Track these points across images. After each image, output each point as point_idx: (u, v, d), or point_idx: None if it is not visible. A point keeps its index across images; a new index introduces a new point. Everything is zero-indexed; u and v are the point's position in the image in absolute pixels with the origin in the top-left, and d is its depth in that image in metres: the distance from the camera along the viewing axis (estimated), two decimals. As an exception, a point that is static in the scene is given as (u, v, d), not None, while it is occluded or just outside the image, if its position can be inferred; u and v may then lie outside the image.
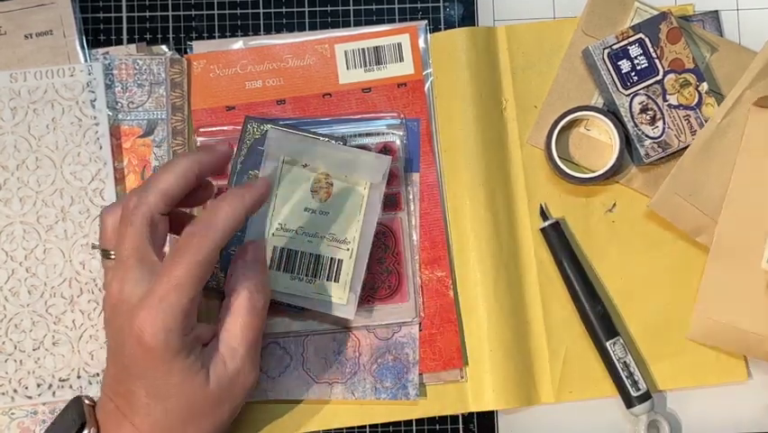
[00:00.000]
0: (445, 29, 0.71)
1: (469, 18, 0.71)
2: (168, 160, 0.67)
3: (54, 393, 0.65)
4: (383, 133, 0.69)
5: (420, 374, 0.66)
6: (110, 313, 0.56)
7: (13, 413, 0.65)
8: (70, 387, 0.65)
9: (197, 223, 0.55)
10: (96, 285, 0.66)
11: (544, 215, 0.69)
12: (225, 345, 0.56)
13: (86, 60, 0.68)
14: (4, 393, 0.65)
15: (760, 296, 0.56)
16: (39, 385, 0.65)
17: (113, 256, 0.57)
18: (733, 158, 0.66)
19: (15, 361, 0.65)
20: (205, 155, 0.59)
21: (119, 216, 0.57)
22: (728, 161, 0.66)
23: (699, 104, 0.67)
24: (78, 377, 0.65)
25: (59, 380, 0.65)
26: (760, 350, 0.64)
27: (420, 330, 0.67)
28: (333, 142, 0.66)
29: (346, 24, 0.71)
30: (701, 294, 0.65)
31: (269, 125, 0.66)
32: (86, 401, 0.59)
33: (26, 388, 0.65)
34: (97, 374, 0.65)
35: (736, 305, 0.59)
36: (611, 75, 0.67)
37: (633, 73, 0.67)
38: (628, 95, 0.67)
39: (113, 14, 0.70)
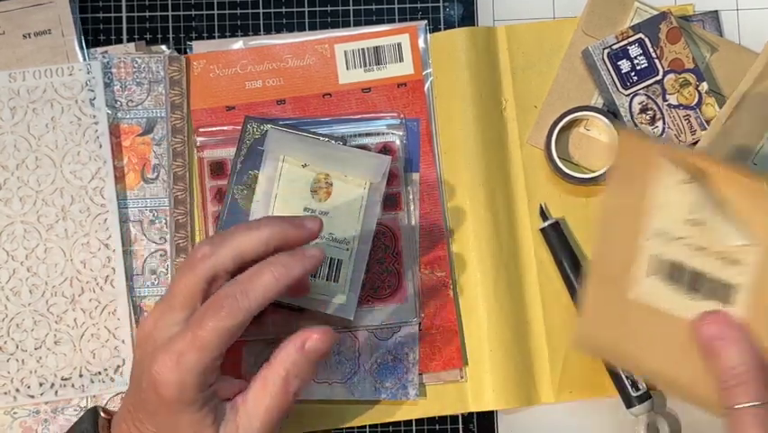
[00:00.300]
0: (445, 29, 0.70)
1: (469, 18, 0.71)
2: (249, 219, 0.63)
3: (56, 392, 0.65)
4: (383, 133, 0.69)
5: (420, 374, 0.66)
6: (139, 341, 0.55)
7: (15, 412, 0.65)
8: (72, 386, 0.65)
9: (235, 284, 0.52)
10: (96, 284, 0.66)
11: (543, 215, 0.69)
12: (245, 415, 0.54)
13: (84, 59, 0.68)
14: (6, 393, 0.65)
15: (631, 322, 0.55)
16: (41, 384, 0.65)
17: None
18: (739, 159, 0.66)
19: (17, 360, 0.65)
20: (293, 230, 0.55)
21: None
22: (734, 162, 0.66)
23: (699, 103, 0.67)
24: (80, 376, 0.65)
25: (62, 379, 0.65)
26: (638, 370, 0.60)
27: (420, 330, 0.67)
28: (333, 142, 0.66)
29: (346, 24, 0.71)
30: (582, 310, 0.57)
31: (269, 125, 0.66)
32: (102, 414, 0.58)
33: (28, 387, 0.65)
34: (99, 373, 0.65)
35: (613, 328, 0.55)
36: (611, 75, 0.67)
37: (633, 73, 0.67)
38: (628, 95, 0.67)
39: (112, 14, 0.70)
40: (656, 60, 0.67)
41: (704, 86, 0.67)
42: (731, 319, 0.53)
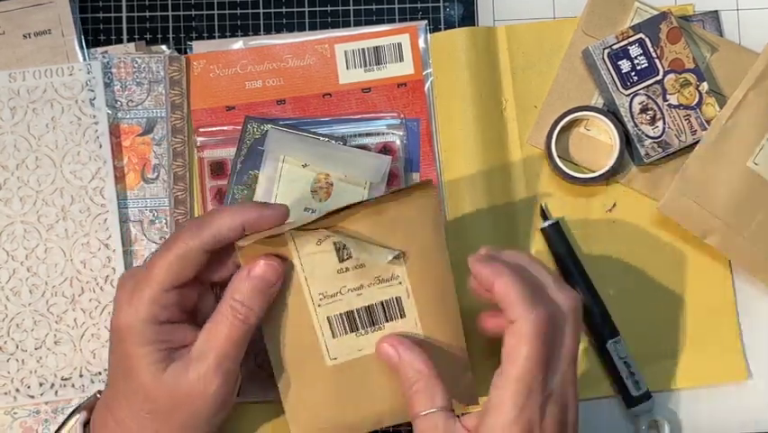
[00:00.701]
0: (445, 29, 0.70)
1: (469, 18, 0.71)
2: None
3: (56, 392, 0.65)
4: (383, 133, 0.69)
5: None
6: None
7: (15, 412, 0.65)
8: (72, 386, 0.65)
9: (192, 220, 0.55)
10: (96, 284, 0.66)
11: (544, 215, 0.69)
12: (196, 349, 0.55)
13: (84, 59, 0.68)
14: (6, 393, 0.65)
15: (341, 386, 0.59)
16: (41, 384, 0.65)
17: None
18: (740, 158, 0.66)
19: (17, 360, 0.65)
20: (267, 211, 0.56)
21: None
22: (735, 162, 0.66)
23: (700, 103, 0.67)
24: (81, 376, 0.65)
25: (62, 379, 0.65)
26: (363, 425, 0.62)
27: (420, 330, 0.67)
28: (333, 142, 0.66)
29: (346, 24, 0.71)
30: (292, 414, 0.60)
31: (269, 125, 0.66)
32: (98, 395, 0.61)
33: (28, 387, 0.65)
34: (99, 373, 0.66)
35: (327, 406, 0.59)
36: (611, 75, 0.67)
37: (633, 73, 0.67)
38: (628, 95, 0.67)
39: (113, 14, 0.70)
40: (656, 60, 0.67)
41: (704, 86, 0.67)
42: (400, 338, 0.57)
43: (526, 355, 0.52)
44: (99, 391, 0.62)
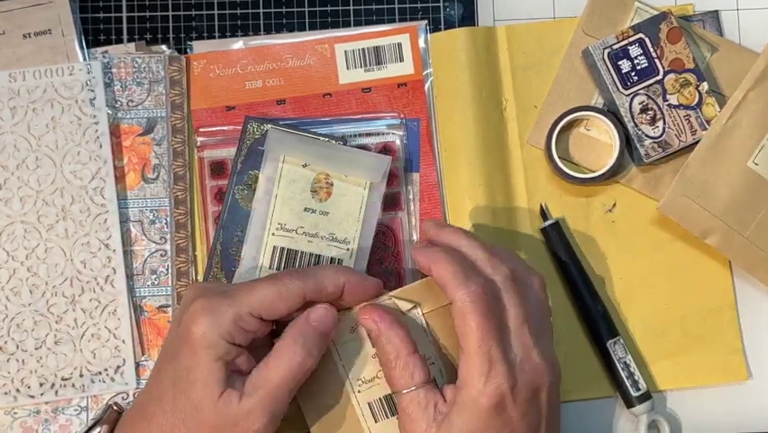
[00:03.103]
0: (445, 29, 0.70)
1: (469, 18, 0.71)
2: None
3: (57, 392, 0.65)
4: (383, 133, 0.69)
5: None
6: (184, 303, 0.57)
7: (15, 413, 0.65)
8: (72, 386, 0.65)
9: (297, 270, 0.59)
10: (96, 283, 0.66)
11: (544, 215, 0.69)
12: (251, 382, 0.55)
13: (85, 59, 0.68)
14: (6, 393, 0.65)
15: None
16: (41, 384, 0.65)
17: None
18: (740, 158, 0.66)
19: (17, 360, 0.65)
20: (364, 282, 0.59)
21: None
22: (735, 162, 0.66)
23: (700, 103, 0.67)
24: (81, 376, 0.65)
25: (62, 379, 0.65)
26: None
27: (420, 330, 0.67)
28: (333, 142, 0.66)
29: (346, 24, 0.71)
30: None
31: (269, 125, 0.66)
32: (115, 407, 0.62)
33: (29, 387, 0.65)
34: (99, 373, 0.65)
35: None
36: (611, 75, 0.67)
37: (633, 73, 0.67)
38: (628, 95, 0.67)
39: (113, 14, 0.70)
40: (656, 60, 0.67)
41: (704, 86, 0.67)
42: (381, 312, 0.58)
43: (473, 329, 0.54)
44: (116, 404, 0.64)
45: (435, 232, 0.61)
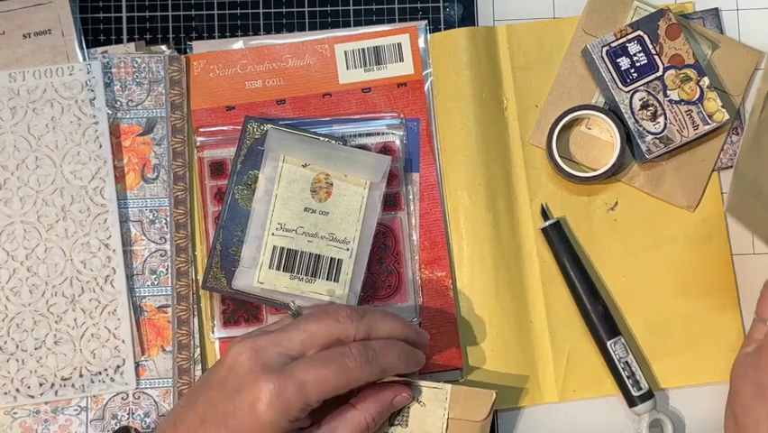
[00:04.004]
0: (445, 29, 0.70)
1: (469, 18, 0.71)
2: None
3: (56, 392, 0.65)
4: (383, 133, 0.69)
5: (420, 375, 0.66)
6: (244, 348, 0.56)
7: (15, 413, 0.65)
8: (72, 386, 0.65)
9: (367, 349, 0.57)
10: (96, 283, 0.66)
11: (545, 214, 0.68)
12: None
13: (84, 59, 0.68)
14: (6, 393, 0.65)
15: None
16: (41, 384, 0.65)
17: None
18: None
19: (17, 360, 0.65)
20: (416, 337, 0.61)
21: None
22: None
23: (701, 99, 0.67)
24: (81, 376, 0.65)
25: (62, 379, 0.65)
26: None
27: (420, 330, 0.67)
28: (333, 142, 0.66)
29: (346, 24, 0.71)
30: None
31: (269, 125, 0.66)
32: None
33: (28, 387, 0.65)
34: (99, 373, 0.65)
35: None
36: (610, 72, 0.67)
37: (632, 70, 0.67)
38: (628, 91, 0.67)
39: (113, 14, 0.70)
40: (656, 57, 0.67)
41: (705, 81, 0.67)
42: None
43: None
44: (135, 430, 0.64)
45: None
